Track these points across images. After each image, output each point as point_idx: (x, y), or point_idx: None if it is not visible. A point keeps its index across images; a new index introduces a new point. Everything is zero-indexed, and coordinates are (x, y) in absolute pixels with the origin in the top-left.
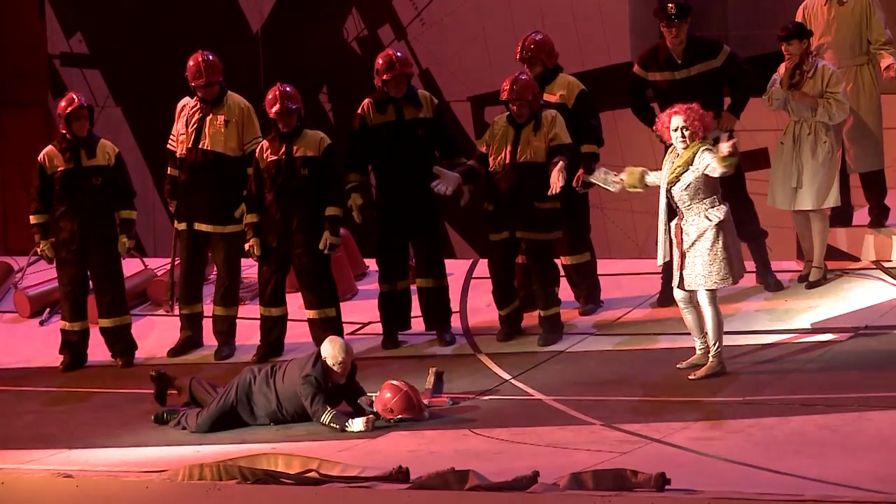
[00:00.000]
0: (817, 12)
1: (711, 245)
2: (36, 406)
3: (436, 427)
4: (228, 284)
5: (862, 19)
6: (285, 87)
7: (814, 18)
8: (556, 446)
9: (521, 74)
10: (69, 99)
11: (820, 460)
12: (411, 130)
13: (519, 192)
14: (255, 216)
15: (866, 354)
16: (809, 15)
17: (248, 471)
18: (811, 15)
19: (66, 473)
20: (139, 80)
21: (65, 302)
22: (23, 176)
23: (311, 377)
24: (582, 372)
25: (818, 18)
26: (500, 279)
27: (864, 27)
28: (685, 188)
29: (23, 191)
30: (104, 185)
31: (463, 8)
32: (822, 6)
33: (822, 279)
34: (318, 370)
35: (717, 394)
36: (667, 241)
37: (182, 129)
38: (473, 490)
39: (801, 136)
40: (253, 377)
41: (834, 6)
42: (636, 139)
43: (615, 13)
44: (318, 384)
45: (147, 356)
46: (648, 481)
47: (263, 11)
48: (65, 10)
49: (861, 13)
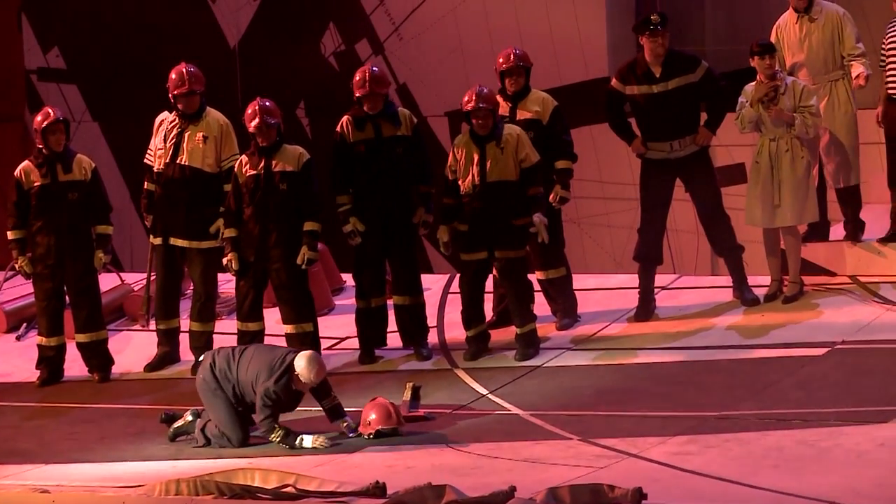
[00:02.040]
0: (790, 30)
1: None
2: (12, 421)
3: (412, 442)
4: (205, 300)
5: (834, 35)
6: (265, 102)
7: (786, 36)
8: (532, 461)
9: (483, 88)
10: (45, 113)
11: (797, 475)
12: (389, 148)
13: (493, 212)
14: (234, 231)
15: (842, 369)
16: (782, 33)
17: (224, 486)
18: (784, 33)
19: (43, 489)
20: (116, 95)
21: (41, 317)
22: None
23: (272, 392)
24: (559, 387)
25: (791, 36)
26: (470, 299)
27: (836, 42)
28: None
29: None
30: (80, 200)
31: (440, 23)
32: (793, 24)
33: (798, 294)
34: (282, 385)
35: (694, 408)
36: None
37: (160, 144)
38: None
39: (777, 153)
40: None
41: (805, 23)
42: (613, 154)
43: (593, 29)
44: (278, 399)
45: (124, 371)
46: (625, 496)
47: (241, 26)
48: (42, 24)
49: (832, 29)
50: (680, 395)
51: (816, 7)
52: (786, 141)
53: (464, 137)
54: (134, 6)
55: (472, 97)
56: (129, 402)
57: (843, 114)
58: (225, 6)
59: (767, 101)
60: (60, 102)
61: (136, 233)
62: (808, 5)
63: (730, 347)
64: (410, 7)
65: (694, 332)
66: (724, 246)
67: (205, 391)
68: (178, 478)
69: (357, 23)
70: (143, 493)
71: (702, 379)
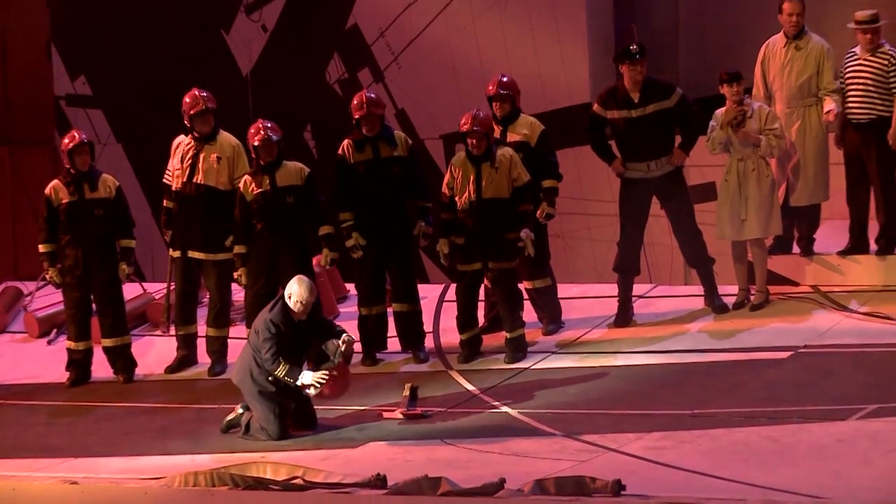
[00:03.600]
0: (777, 52)
1: None
2: (44, 419)
3: (411, 438)
4: (220, 307)
5: (814, 66)
6: (266, 122)
7: (773, 57)
8: (521, 455)
9: (479, 111)
10: (71, 136)
11: (762, 468)
12: (387, 168)
13: (488, 226)
14: (243, 247)
15: (805, 371)
16: (770, 53)
17: (239, 477)
18: (771, 53)
19: (72, 480)
20: (138, 120)
21: (70, 323)
22: (32, 208)
23: (270, 322)
24: (545, 387)
25: (776, 58)
26: (465, 305)
27: (815, 73)
28: None
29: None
30: (106, 216)
31: (436, 53)
32: (781, 47)
33: (764, 302)
34: (276, 313)
35: (669, 407)
36: None
37: (177, 165)
38: (445, 496)
39: (745, 172)
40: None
41: (791, 50)
42: (595, 174)
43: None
44: (277, 329)
45: (146, 373)
46: (605, 487)
47: (252, 56)
48: (70, 53)
49: (815, 60)
50: (656, 394)
51: (805, 37)
52: (752, 161)
53: (460, 157)
54: (154, 38)
55: (468, 120)
56: (151, 401)
57: (813, 138)
58: (238, 37)
59: (735, 125)
60: (87, 126)
61: (156, 246)
62: (799, 33)
63: (701, 351)
64: (408, 38)
65: (669, 337)
66: (697, 258)
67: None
68: (196, 470)
69: (359, 53)
70: (164, 485)
71: (676, 380)
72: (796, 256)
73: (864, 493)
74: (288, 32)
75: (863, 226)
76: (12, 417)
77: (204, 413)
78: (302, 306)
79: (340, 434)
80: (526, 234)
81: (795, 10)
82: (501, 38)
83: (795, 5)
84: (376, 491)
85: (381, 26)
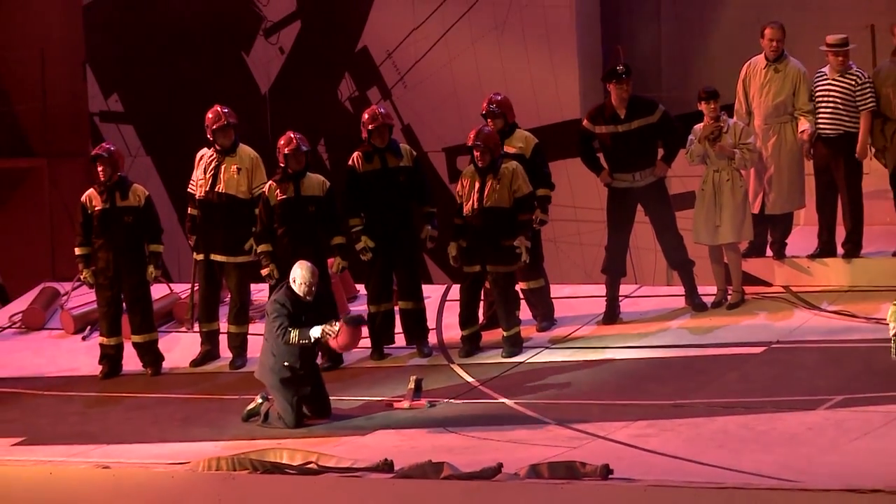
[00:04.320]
0: (758, 72)
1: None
2: (79, 408)
3: (416, 426)
4: (240, 306)
5: (791, 87)
6: (297, 134)
7: (753, 77)
8: (517, 442)
9: (485, 127)
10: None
11: (739, 454)
12: (394, 177)
13: (487, 233)
14: (269, 246)
15: (777, 365)
16: (751, 72)
17: (258, 462)
18: (752, 73)
19: (104, 465)
20: (166, 134)
21: (103, 321)
22: (68, 215)
23: (275, 302)
24: (539, 379)
25: (757, 78)
26: (466, 304)
27: (791, 94)
28: None
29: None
30: (135, 223)
31: (438, 73)
32: (761, 68)
33: (740, 301)
34: (281, 295)
35: (652, 398)
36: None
37: (200, 176)
38: (447, 479)
39: (719, 182)
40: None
41: (771, 72)
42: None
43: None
44: (284, 307)
45: (172, 366)
46: (594, 471)
47: (271, 76)
48: (103, 74)
49: (792, 82)
50: (640, 386)
51: (784, 60)
52: (727, 172)
53: (470, 168)
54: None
55: (473, 135)
56: (177, 392)
57: (787, 152)
58: (257, 58)
59: (712, 139)
60: (119, 140)
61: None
62: (778, 57)
63: (682, 346)
64: (413, 59)
65: (652, 333)
66: (678, 261)
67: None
68: (219, 456)
69: (368, 73)
70: (189, 469)
71: (659, 373)
72: (770, 259)
73: (832, 477)
74: (303, 54)
75: (831, 231)
76: (50, 407)
77: (226, 403)
78: (306, 287)
79: (351, 423)
80: (521, 241)
81: (776, 36)
82: (499, 59)
83: (776, 32)
84: (384, 475)
85: (389, 48)
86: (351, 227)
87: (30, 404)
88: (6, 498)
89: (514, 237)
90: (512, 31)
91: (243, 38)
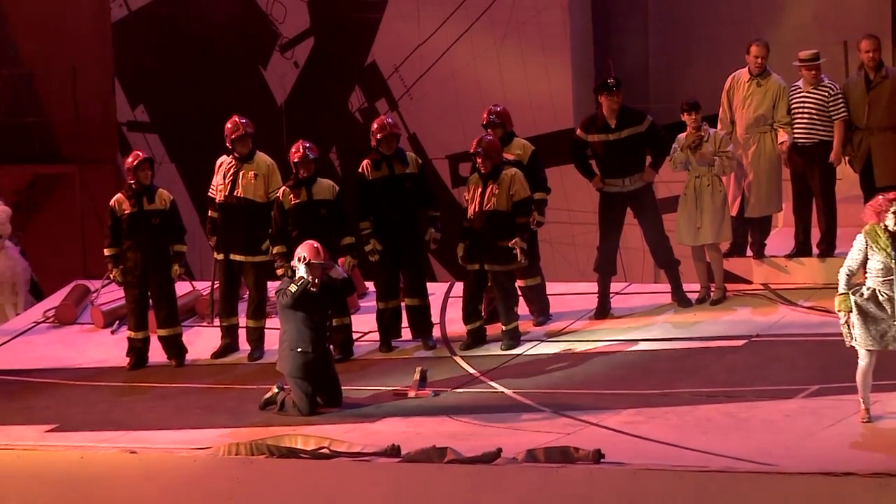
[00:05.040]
0: (741, 86)
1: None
2: (108, 397)
3: (421, 414)
4: (258, 302)
5: (772, 101)
6: (307, 143)
7: (737, 89)
8: (515, 429)
9: (487, 136)
10: (134, 155)
11: (721, 440)
12: (401, 183)
13: (487, 234)
14: (283, 247)
15: (757, 357)
16: (735, 84)
17: (274, 448)
18: (736, 85)
19: (132, 450)
20: (188, 143)
21: (130, 316)
22: (98, 217)
23: (280, 288)
24: (536, 370)
25: (739, 91)
26: (469, 300)
27: (771, 107)
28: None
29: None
30: (161, 225)
31: (442, 86)
32: (745, 81)
33: (722, 298)
34: (286, 281)
35: (641, 387)
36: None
37: (220, 181)
38: (451, 463)
39: (701, 187)
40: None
41: (753, 85)
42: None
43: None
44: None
45: (195, 358)
46: (587, 456)
47: (286, 88)
48: (131, 87)
49: (772, 96)
50: (630, 376)
51: (766, 75)
52: (707, 178)
53: (475, 175)
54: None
55: (476, 143)
56: (199, 382)
57: (766, 159)
58: (273, 72)
59: (694, 147)
60: (145, 148)
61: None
62: (761, 72)
63: (669, 340)
64: (418, 73)
65: (641, 327)
66: (664, 260)
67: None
68: (238, 442)
69: (377, 85)
70: (210, 454)
71: (647, 364)
72: (750, 259)
73: (808, 461)
74: (316, 68)
75: (807, 233)
76: (81, 396)
77: (244, 393)
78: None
79: (361, 411)
80: (516, 242)
81: (761, 53)
82: (498, 73)
83: (761, 49)
84: (391, 459)
85: (396, 63)
86: (361, 230)
87: (62, 394)
88: (41, 480)
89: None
90: (510, 47)
91: (260, 53)
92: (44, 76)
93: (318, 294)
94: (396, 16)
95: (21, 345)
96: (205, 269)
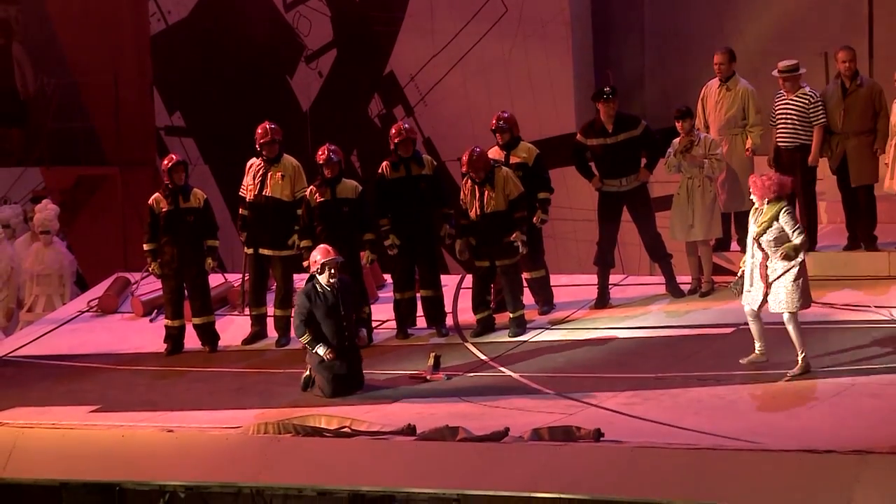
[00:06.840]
0: (713, 92)
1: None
2: (146, 380)
3: (434, 396)
4: (285, 293)
5: (740, 104)
6: (332, 146)
7: (710, 96)
8: (521, 409)
9: (474, 150)
10: (169, 158)
11: (711, 420)
12: (416, 184)
13: (491, 233)
14: (310, 241)
15: (744, 343)
16: (707, 92)
17: (300, 427)
18: (708, 93)
19: (168, 429)
20: (221, 146)
21: (167, 305)
22: (137, 215)
23: (300, 292)
24: (541, 356)
25: (711, 98)
26: (478, 292)
27: (740, 110)
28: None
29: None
30: (196, 222)
31: (455, 94)
32: (716, 88)
33: (711, 289)
34: (307, 286)
35: (638, 371)
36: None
37: (250, 182)
38: (462, 441)
39: (692, 188)
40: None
41: (723, 91)
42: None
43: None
44: (307, 297)
45: (227, 344)
46: (588, 434)
47: (311, 96)
48: (168, 94)
49: (741, 99)
50: (627, 361)
51: (734, 80)
52: (698, 179)
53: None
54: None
55: (466, 161)
56: (231, 366)
57: (738, 159)
58: (299, 81)
59: (685, 151)
60: (181, 151)
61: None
62: (728, 77)
63: (663, 328)
64: (433, 82)
65: (637, 316)
66: (659, 254)
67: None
68: (266, 421)
69: (394, 93)
70: (241, 433)
71: (643, 350)
72: (736, 253)
73: (792, 439)
74: (338, 77)
75: None
76: (122, 380)
77: (272, 376)
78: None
79: (380, 393)
80: (517, 235)
81: (721, 60)
82: (506, 81)
83: (722, 56)
84: (408, 437)
85: (412, 73)
86: (380, 226)
87: (105, 377)
88: (84, 457)
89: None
90: (517, 58)
91: (287, 63)
92: (89, 86)
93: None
94: (412, 29)
95: (67, 332)
96: (236, 262)
